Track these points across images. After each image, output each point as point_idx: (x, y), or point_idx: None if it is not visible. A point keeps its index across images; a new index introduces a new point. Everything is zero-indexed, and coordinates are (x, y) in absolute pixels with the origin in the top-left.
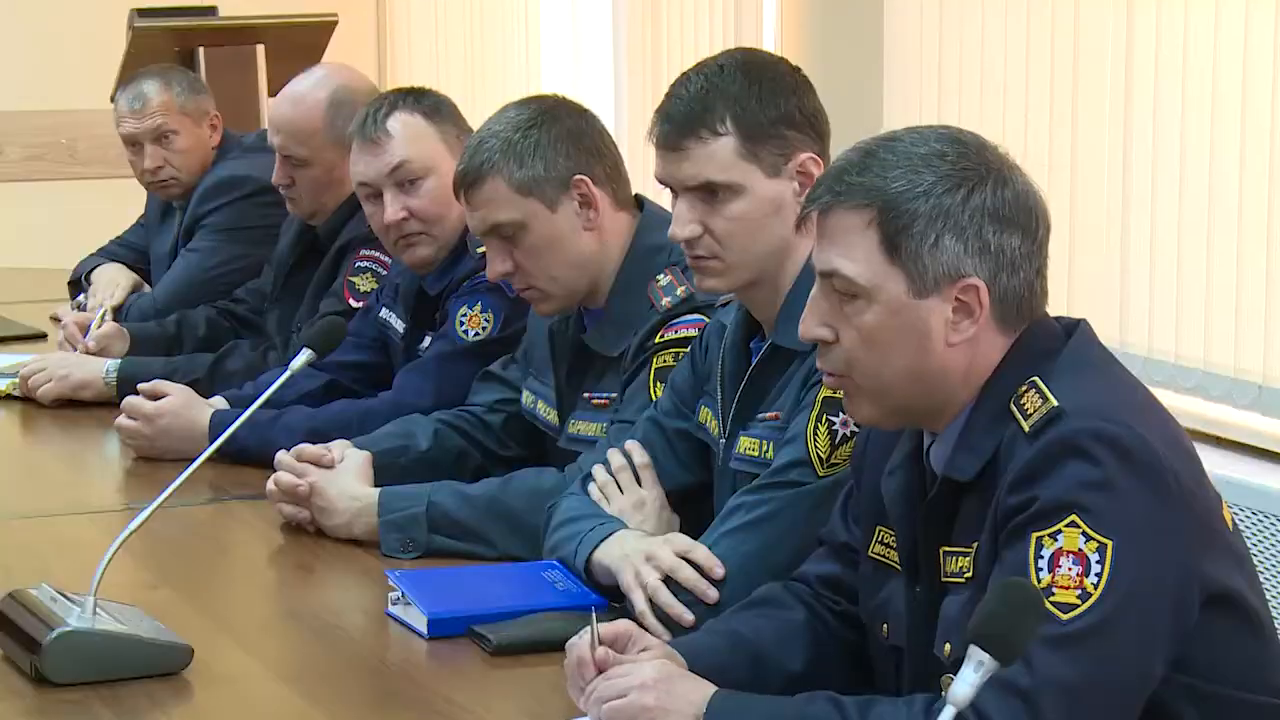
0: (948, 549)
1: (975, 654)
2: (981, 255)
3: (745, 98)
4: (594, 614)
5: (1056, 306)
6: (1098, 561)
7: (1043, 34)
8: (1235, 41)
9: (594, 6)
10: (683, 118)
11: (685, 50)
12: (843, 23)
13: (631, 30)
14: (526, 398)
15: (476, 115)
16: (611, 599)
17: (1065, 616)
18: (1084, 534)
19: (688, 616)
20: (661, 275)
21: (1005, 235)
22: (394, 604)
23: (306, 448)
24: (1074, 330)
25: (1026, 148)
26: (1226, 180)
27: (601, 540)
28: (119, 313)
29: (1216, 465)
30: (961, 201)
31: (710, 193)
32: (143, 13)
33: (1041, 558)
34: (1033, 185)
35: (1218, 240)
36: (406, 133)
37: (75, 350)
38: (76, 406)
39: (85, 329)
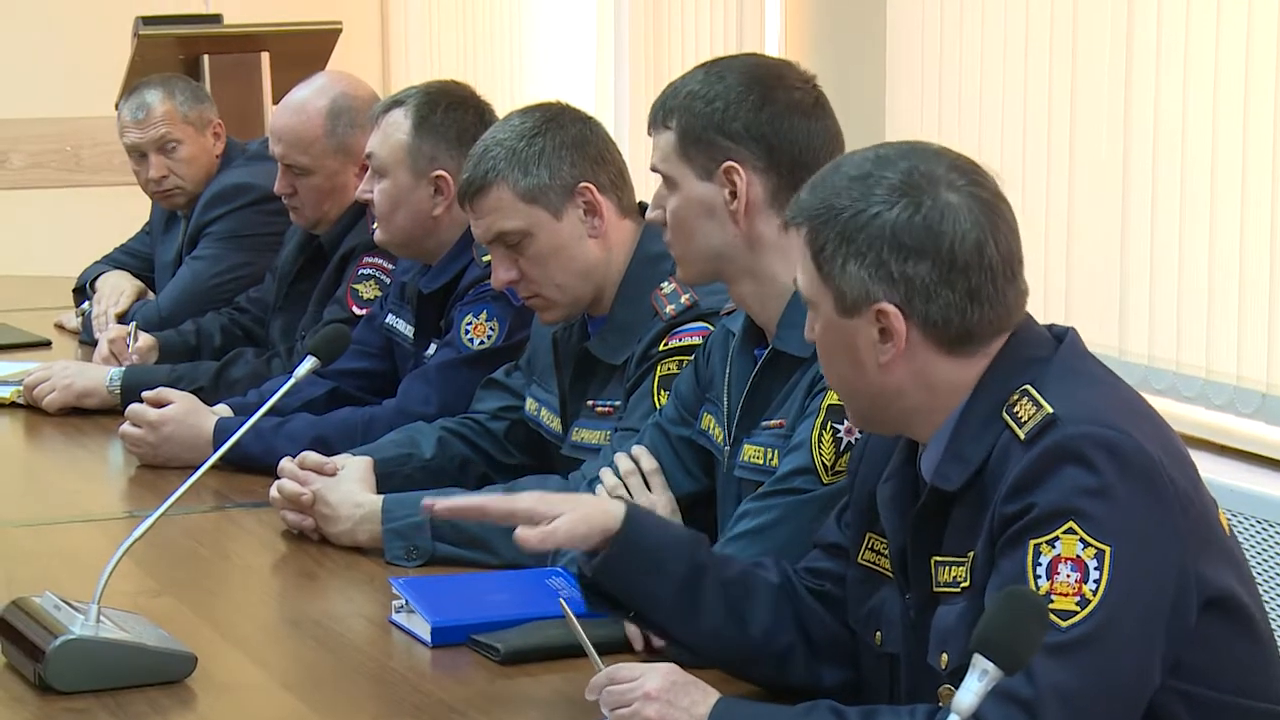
0: (939, 558)
1: (979, 663)
2: (888, 282)
3: (693, 99)
4: (566, 606)
5: (1055, 314)
6: (1096, 568)
7: (1042, 41)
8: (1236, 46)
9: (598, 14)
10: (652, 108)
11: (687, 57)
12: (846, 30)
13: (634, 38)
14: (530, 405)
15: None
16: (613, 608)
17: (1064, 624)
18: (1082, 540)
19: None
20: (665, 283)
21: (910, 263)
22: (397, 611)
23: (309, 456)
24: (1063, 337)
25: (1025, 154)
26: (1228, 186)
27: None
28: (123, 320)
29: (1220, 474)
30: (863, 227)
31: (664, 181)
32: (148, 20)
33: (1040, 565)
34: (965, 209)
35: (1219, 246)
36: (388, 130)
37: (121, 364)
38: (81, 414)
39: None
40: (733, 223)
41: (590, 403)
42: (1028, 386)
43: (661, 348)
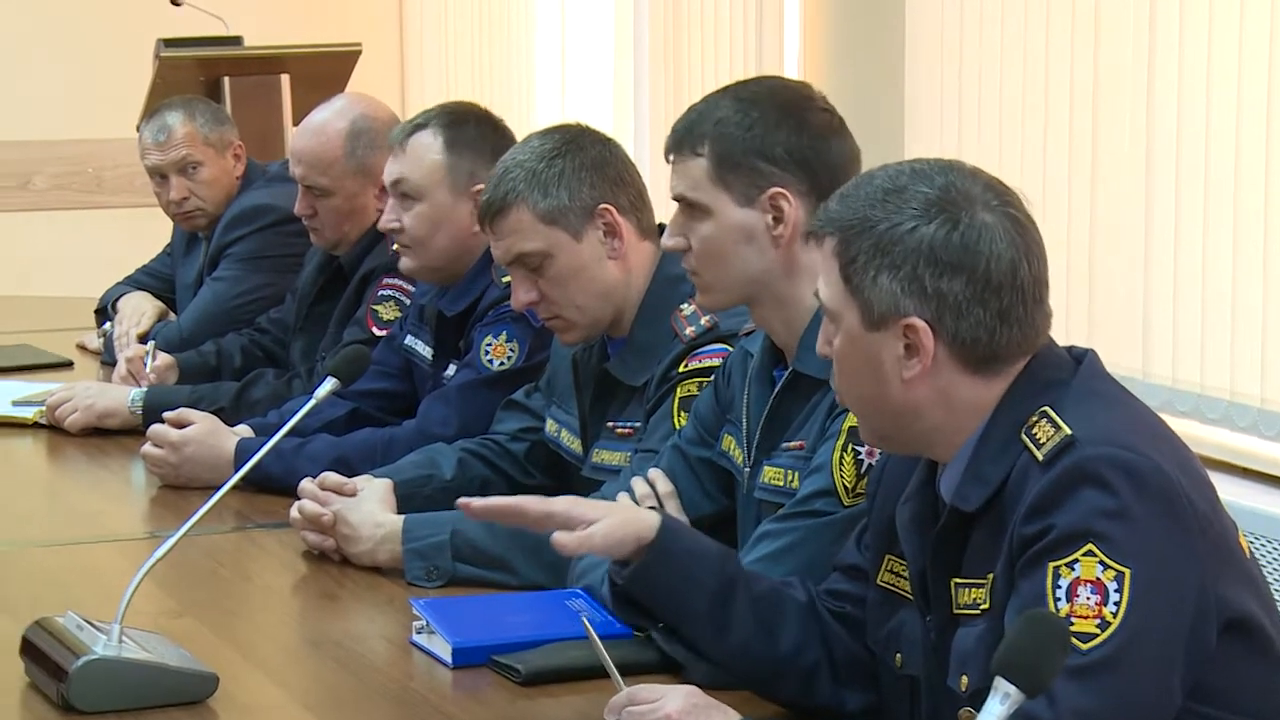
0: (959, 580)
1: (1001, 686)
2: (920, 297)
3: (727, 125)
4: (589, 627)
5: (1078, 337)
6: (1116, 590)
7: (1063, 61)
8: (1259, 73)
9: (617, 35)
10: (675, 134)
11: (706, 78)
12: (864, 50)
13: (654, 60)
14: (550, 426)
15: None
16: (635, 627)
17: (1085, 646)
18: (1101, 563)
19: None
20: (685, 305)
21: (945, 279)
22: (418, 632)
23: (329, 476)
24: (1082, 359)
25: (1046, 176)
26: (1251, 210)
27: None
28: (144, 341)
29: (1243, 496)
30: (899, 240)
31: (689, 208)
32: (169, 42)
33: (1059, 588)
34: (1000, 230)
35: (1242, 269)
36: (418, 152)
37: (140, 383)
38: (102, 435)
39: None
40: (774, 248)
41: (610, 424)
42: (1046, 408)
43: (681, 369)
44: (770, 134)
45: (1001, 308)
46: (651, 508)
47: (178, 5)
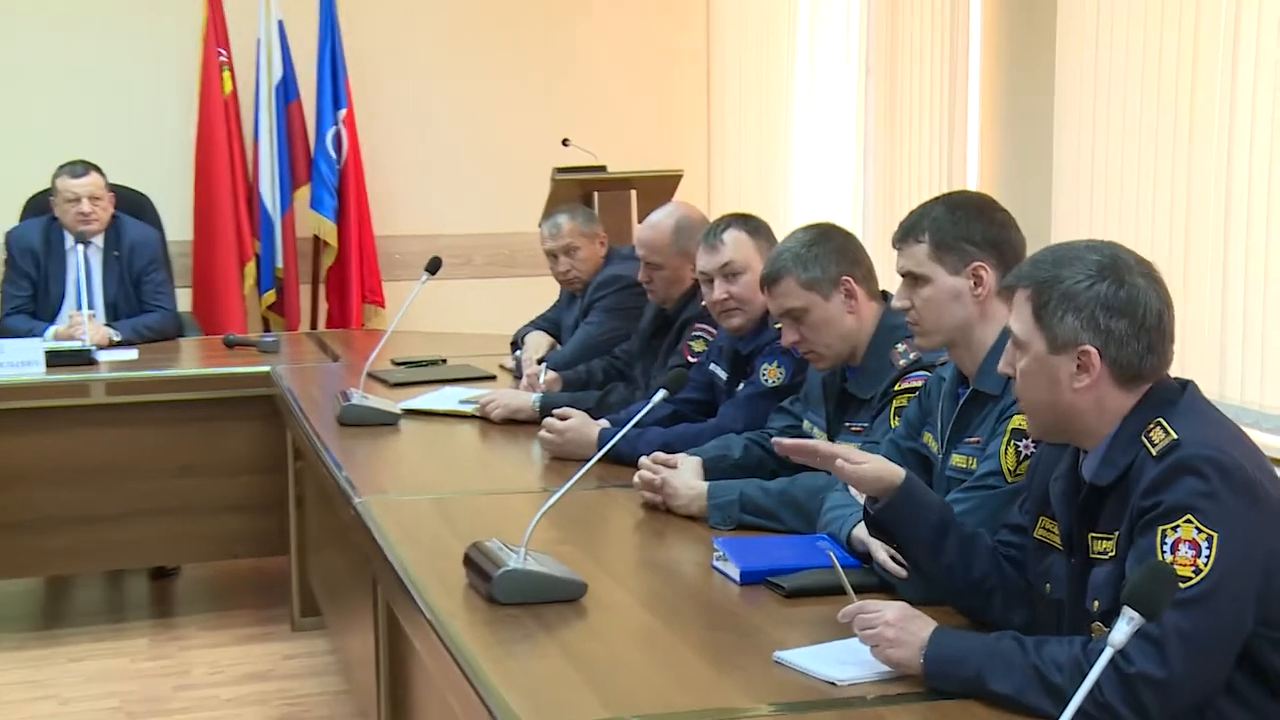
0: (1094, 535)
1: (1127, 612)
2: (1094, 331)
3: (941, 220)
4: (834, 559)
5: (1174, 366)
6: (1207, 548)
7: (1165, 166)
8: None
9: (856, 157)
10: (902, 229)
11: (912, 188)
12: (1021, 174)
13: (877, 175)
14: (806, 425)
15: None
16: (863, 562)
17: (1184, 586)
18: (1196, 528)
19: (902, 572)
20: (900, 344)
21: (1114, 320)
22: (717, 560)
23: (659, 454)
24: (1186, 386)
25: (1152, 249)
26: None
27: (857, 523)
28: (540, 363)
29: None
30: (1082, 291)
31: (913, 279)
32: (560, 170)
33: (1166, 544)
34: (1150, 290)
35: None
36: (735, 243)
37: (538, 392)
38: (514, 424)
39: (536, 378)
40: (975, 304)
41: (847, 424)
42: (1160, 419)
43: (896, 388)
44: (971, 226)
45: (1150, 342)
46: None
47: (566, 146)
